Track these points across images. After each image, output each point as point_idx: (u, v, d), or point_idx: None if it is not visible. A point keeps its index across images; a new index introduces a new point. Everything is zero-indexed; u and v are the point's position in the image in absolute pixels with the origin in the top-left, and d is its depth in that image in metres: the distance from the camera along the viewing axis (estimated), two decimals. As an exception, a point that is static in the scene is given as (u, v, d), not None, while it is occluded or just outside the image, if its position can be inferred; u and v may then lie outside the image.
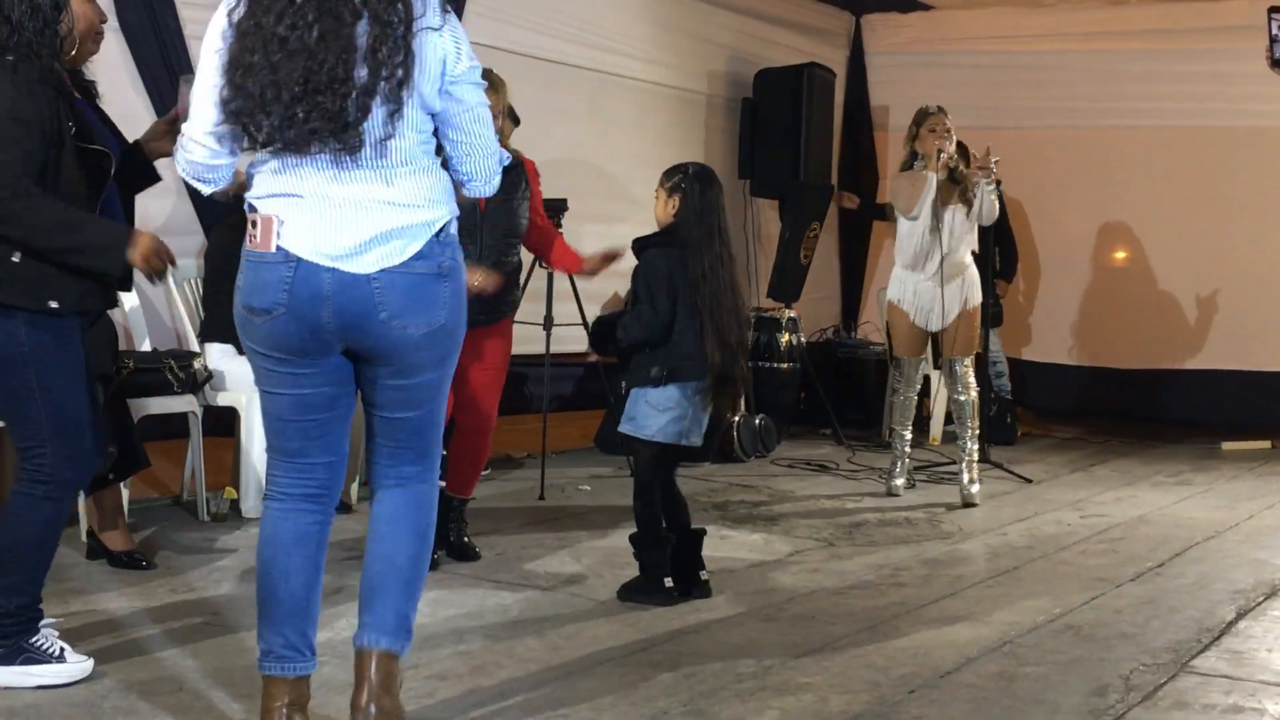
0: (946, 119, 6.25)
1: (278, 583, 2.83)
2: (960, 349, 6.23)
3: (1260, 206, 8.63)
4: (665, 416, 4.23)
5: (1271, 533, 5.57)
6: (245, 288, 2.76)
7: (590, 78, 7.75)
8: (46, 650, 3.26)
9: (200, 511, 5.32)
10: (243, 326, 2.80)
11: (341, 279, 2.71)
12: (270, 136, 2.66)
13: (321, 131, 2.64)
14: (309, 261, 2.70)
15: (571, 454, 7.42)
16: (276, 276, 2.71)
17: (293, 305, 2.71)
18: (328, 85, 2.62)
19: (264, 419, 2.90)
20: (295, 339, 2.75)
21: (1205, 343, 8.90)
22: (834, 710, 3.20)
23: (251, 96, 2.63)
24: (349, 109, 2.64)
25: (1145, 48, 8.88)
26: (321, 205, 2.71)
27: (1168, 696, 3.34)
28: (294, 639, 2.83)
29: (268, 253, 2.71)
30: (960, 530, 5.58)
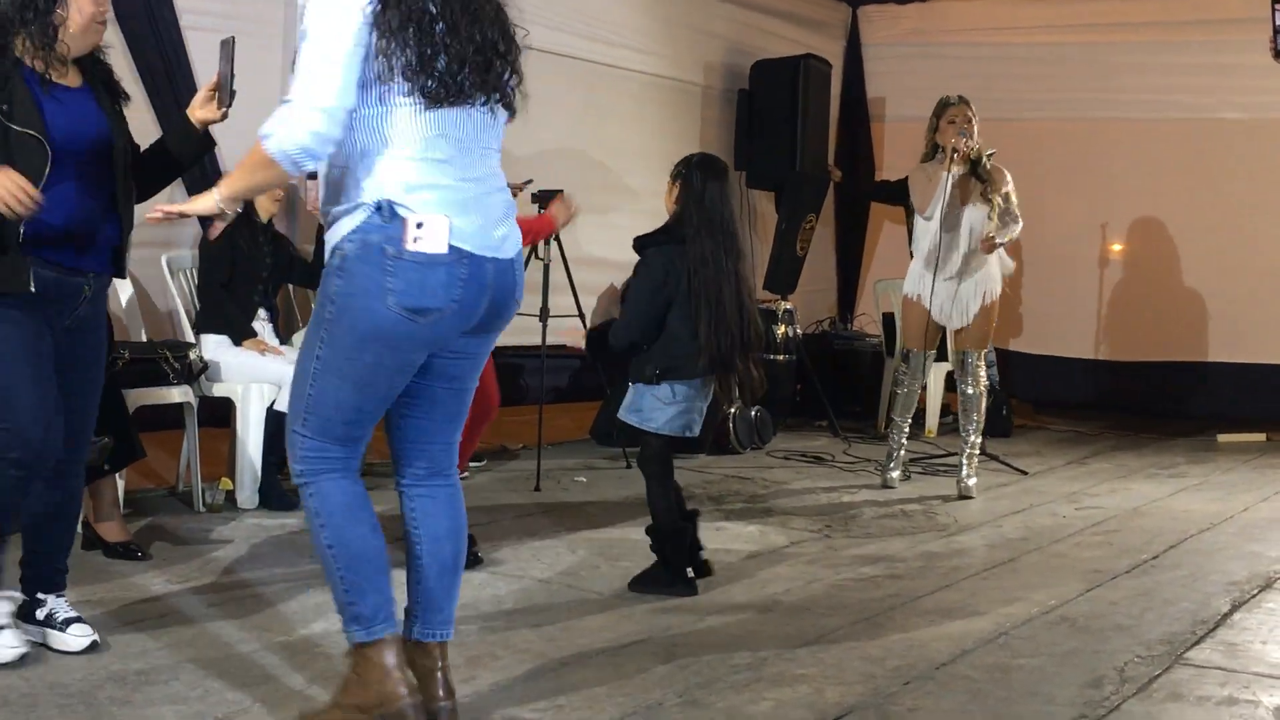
0: (969, 109, 6.16)
1: (372, 540, 2.83)
2: (974, 343, 6.23)
3: (1256, 199, 8.64)
4: (672, 410, 4.25)
5: (1266, 525, 5.58)
6: (410, 290, 2.68)
7: (586, 69, 7.73)
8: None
9: (196, 502, 5.32)
10: (394, 328, 2.71)
11: (499, 266, 2.81)
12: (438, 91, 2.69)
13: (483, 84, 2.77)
14: (477, 255, 2.75)
15: (567, 445, 7.42)
16: (451, 275, 2.72)
17: (465, 300, 2.75)
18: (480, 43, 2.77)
19: (334, 411, 2.79)
20: (452, 332, 2.80)
21: (1200, 335, 8.92)
22: (829, 701, 3.21)
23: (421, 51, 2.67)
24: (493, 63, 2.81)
25: (1143, 40, 8.88)
26: (471, 202, 2.76)
27: (1162, 688, 3.35)
28: (389, 592, 2.85)
29: (439, 253, 2.69)
30: (956, 522, 5.59)
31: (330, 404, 2.80)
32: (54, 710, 3.02)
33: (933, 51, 9.55)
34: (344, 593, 2.81)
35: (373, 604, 2.80)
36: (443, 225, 2.69)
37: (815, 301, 9.73)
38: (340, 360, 2.76)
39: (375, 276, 2.69)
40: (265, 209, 5.57)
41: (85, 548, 4.52)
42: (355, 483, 2.86)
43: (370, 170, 2.71)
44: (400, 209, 2.68)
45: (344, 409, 2.80)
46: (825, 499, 6.11)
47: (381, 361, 2.76)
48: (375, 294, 2.69)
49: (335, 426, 2.81)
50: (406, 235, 2.67)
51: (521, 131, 5.13)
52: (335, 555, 2.81)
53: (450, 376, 2.93)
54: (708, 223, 4.21)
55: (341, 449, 2.83)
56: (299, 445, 2.83)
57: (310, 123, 2.63)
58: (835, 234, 10.08)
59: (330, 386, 2.79)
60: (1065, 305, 9.21)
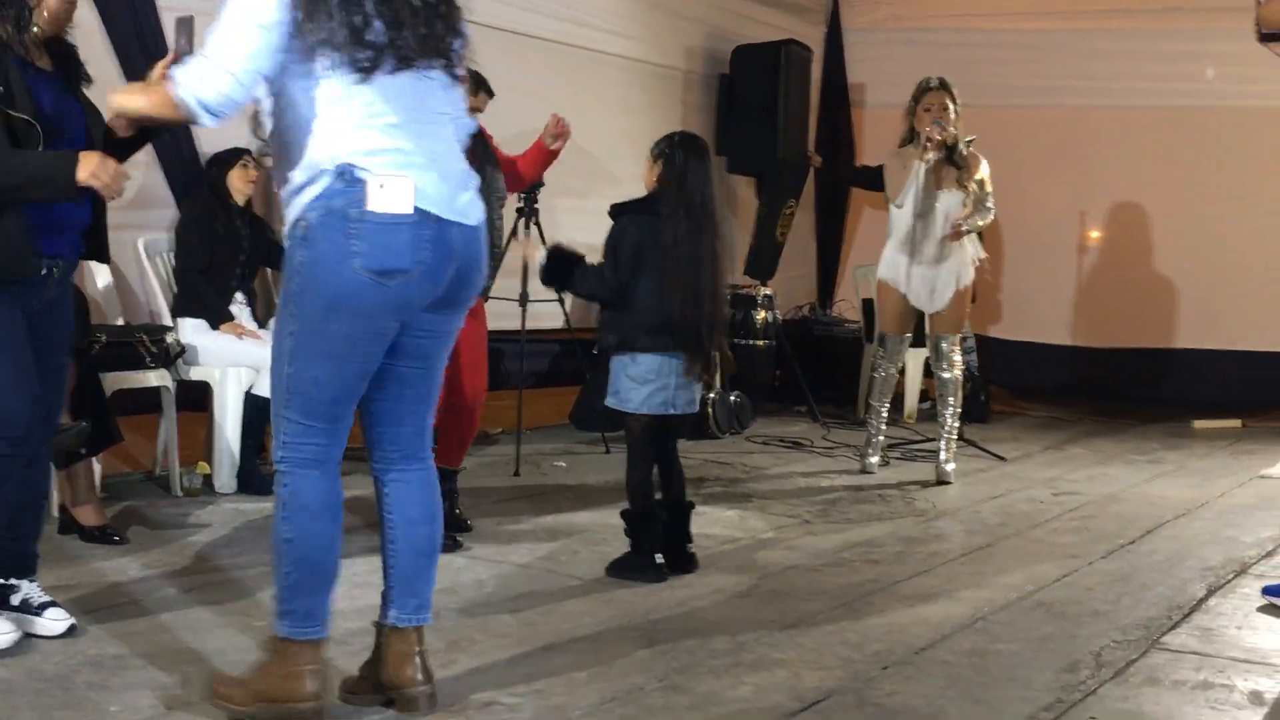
0: (946, 96, 6.14)
1: (324, 552, 2.83)
2: (948, 327, 6.25)
3: (1234, 187, 8.67)
4: (647, 389, 4.24)
5: (1242, 511, 5.62)
6: (375, 251, 2.67)
7: (566, 53, 7.71)
8: None
9: (173, 486, 5.30)
10: (359, 292, 2.69)
11: (464, 232, 2.81)
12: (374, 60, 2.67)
13: (428, 44, 2.74)
14: (444, 218, 2.75)
15: (547, 430, 7.41)
16: (417, 236, 2.71)
17: (431, 264, 2.74)
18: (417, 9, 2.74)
19: (317, 389, 2.77)
20: (419, 297, 2.78)
21: (1178, 322, 8.96)
22: (808, 686, 3.22)
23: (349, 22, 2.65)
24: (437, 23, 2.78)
25: (1124, 26, 8.90)
26: (431, 166, 2.75)
27: (1138, 673, 3.37)
28: (329, 602, 2.86)
29: (404, 213, 2.68)
30: (934, 507, 5.61)
31: (309, 380, 2.78)
32: (30, 695, 3.00)
33: (913, 37, 9.55)
34: (285, 588, 2.82)
35: (308, 607, 2.82)
36: (406, 185, 2.69)
37: (795, 287, 9.73)
38: (313, 334, 2.75)
39: (339, 241, 2.68)
40: (240, 192, 5.52)
41: (62, 532, 4.50)
42: (332, 483, 2.84)
43: (325, 139, 2.70)
44: (361, 171, 2.67)
45: (323, 385, 2.78)
46: (804, 484, 6.12)
47: (354, 331, 2.74)
48: (340, 258, 2.68)
49: (317, 405, 2.79)
50: (369, 196, 2.67)
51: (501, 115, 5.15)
52: (288, 551, 2.81)
53: (417, 355, 2.91)
54: (686, 203, 4.20)
55: (325, 433, 2.81)
56: (283, 429, 2.82)
57: (219, 83, 2.65)
58: (815, 220, 10.09)
59: (307, 363, 2.77)
60: (1044, 291, 9.24)
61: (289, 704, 2.80)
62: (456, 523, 4.75)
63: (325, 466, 2.83)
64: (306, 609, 2.81)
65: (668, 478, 4.40)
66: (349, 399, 2.84)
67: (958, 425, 6.36)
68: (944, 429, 6.27)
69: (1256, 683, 3.30)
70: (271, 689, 2.81)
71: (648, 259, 4.20)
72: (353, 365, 2.79)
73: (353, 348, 2.76)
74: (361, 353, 2.78)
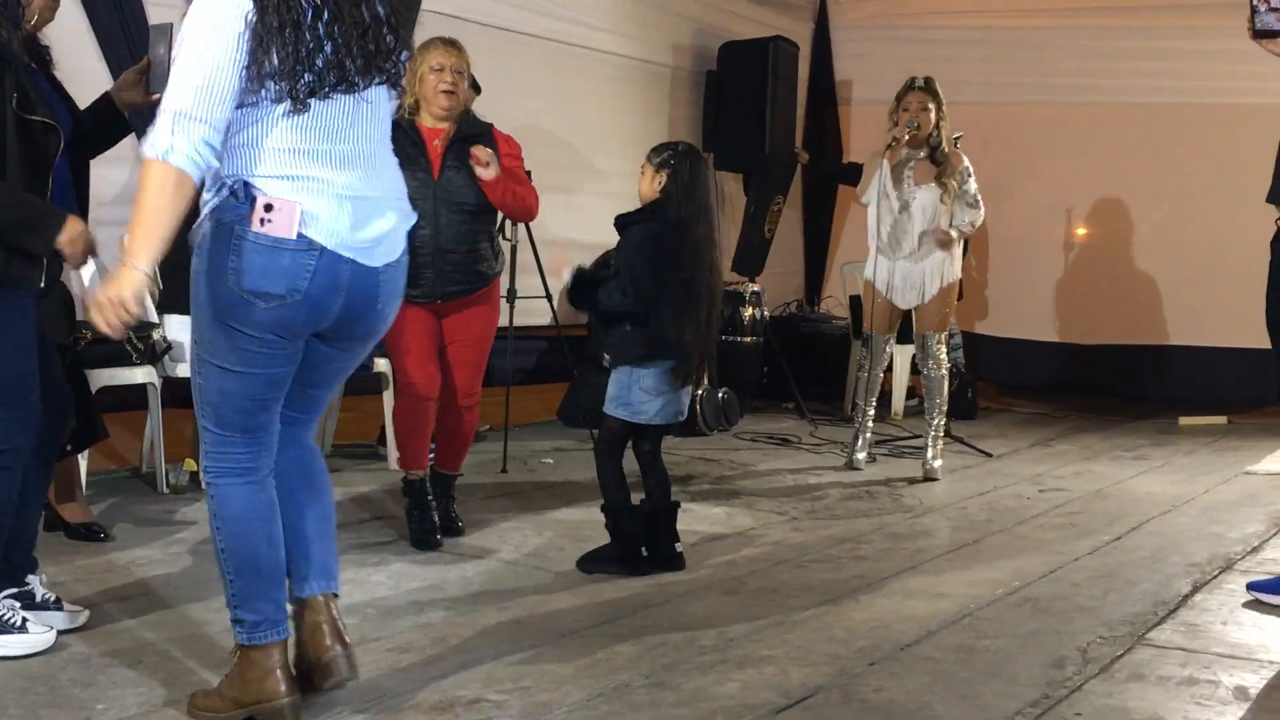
0: (926, 96, 6.14)
1: (264, 552, 2.83)
2: (933, 324, 6.25)
3: (1219, 184, 8.68)
4: (662, 399, 4.27)
5: (1227, 507, 5.63)
6: (251, 271, 2.65)
7: (553, 49, 7.70)
8: (8, 621, 3.27)
9: (159, 483, 5.29)
10: (234, 309, 2.68)
11: (357, 270, 2.75)
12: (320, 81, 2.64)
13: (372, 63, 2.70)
14: (332, 251, 2.70)
15: (534, 427, 7.41)
16: (297, 264, 2.67)
17: (311, 293, 2.70)
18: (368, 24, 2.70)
19: (223, 399, 2.78)
20: (299, 324, 2.74)
21: (1163, 319, 8.98)
22: (795, 682, 3.22)
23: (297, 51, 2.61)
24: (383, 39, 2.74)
25: (1110, 24, 8.91)
26: (334, 194, 2.70)
27: (1124, 669, 3.38)
28: (281, 601, 2.87)
29: (286, 238, 2.65)
30: (921, 504, 5.62)
31: (214, 390, 2.80)
32: (16, 694, 3.00)
33: (901, 34, 9.56)
34: (231, 596, 2.86)
35: (259, 612, 2.83)
36: (292, 209, 2.65)
37: (782, 284, 9.74)
38: (209, 345, 2.76)
39: (222, 255, 2.67)
40: None
41: (47, 529, 4.47)
42: (259, 490, 2.85)
43: (237, 155, 2.68)
44: (255, 190, 2.66)
45: (229, 395, 2.78)
46: (791, 481, 6.13)
47: (243, 344, 2.72)
48: (220, 272, 2.68)
49: (228, 415, 2.79)
50: (254, 216, 2.65)
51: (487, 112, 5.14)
52: (226, 560, 2.84)
53: (307, 382, 2.91)
54: (695, 212, 4.22)
55: (244, 444, 2.81)
56: (204, 440, 2.85)
57: (200, 132, 2.57)
58: (803, 216, 10.10)
59: (210, 374, 2.79)
60: (1030, 288, 9.26)
61: (264, 704, 2.83)
62: (450, 525, 4.75)
63: (251, 475, 2.84)
64: (257, 615, 2.83)
65: (649, 481, 4.40)
66: (260, 409, 2.82)
67: (944, 423, 6.37)
68: (930, 427, 6.28)
69: (1242, 678, 3.31)
70: (246, 694, 2.84)
71: (661, 268, 4.20)
72: (253, 376, 2.77)
73: (246, 360, 2.74)
74: (259, 364, 2.76)
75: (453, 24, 6.01)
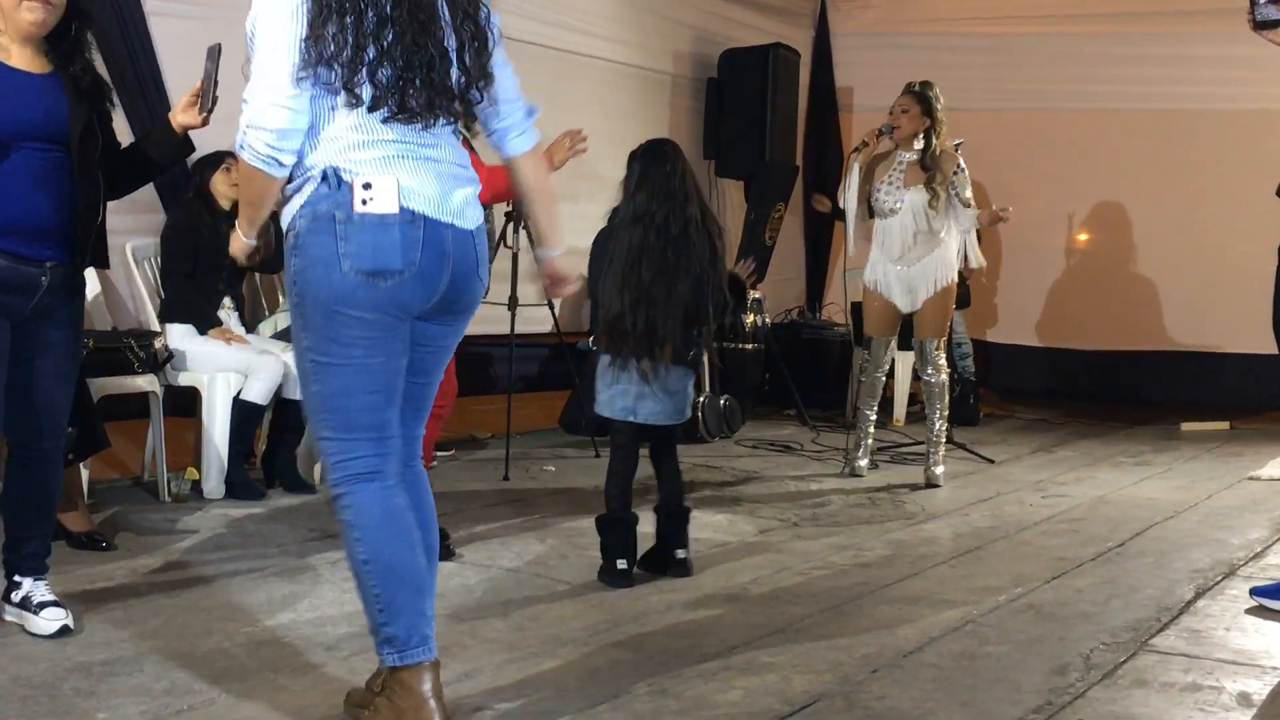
0: (912, 99, 6.16)
1: (410, 558, 2.72)
2: (931, 330, 6.22)
3: (1219, 189, 8.70)
4: (609, 392, 4.28)
5: (1230, 513, 5.63)
6: (364, 251, 2.63)
7: (554, 56, 7.71)
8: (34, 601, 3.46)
9: (161, 492, 5.28)
10: (352, 294, 2.64)
11: (458, 235, 2.75)
12: (380, 99, 2.64)
13: (436, 102, 2.70)
14: (434, 219, 2.70)
15: (536, 434, 7.41)
16: (407, 236, 2.66)
17: (424, 264, 2.69)
18: (434, 57, 2.69)
19: (345, 398, 2.70)
20: (416, 299, 2.72)
21: (1165, 324, 8.99)
22: (797, 690, 3.22)
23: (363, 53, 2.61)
24: (452, 81, 2.74)
25: (1109, 31, 8.94)
26: (423, 164, 2.72)
27: (1127, 675, 3.37)
28: (430, 615, 2.75)
29: (390, 213, 2.64)
30: (923, 511, 5.61)
31: (338, 392, 2.71)
32: (17, 703, 2.99)
33: (901, 41, 9.57)
34: (378, 612, 2.71)
35: (407, 626, 2.69)
36: (391, 184, 2.65)
37: (784, 290, 9.74)
38: (326, 344, 2.70)
39: (329, 244, 2.65)
40: (224, 195, 5.49)
41: (49, 538, 4.48)
42: (394, 493, 2.75)
43: (315, 145, 2.68)
44: (345, 174, 2.65)
45: (353, 394, 2.71)
46: (793, 488, 6.12)
47: (362, 333, 2.68)
48: (331, 262, 2.64)
49: (353, 416, 2.72)
50: (355, 198, 2.64)
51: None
52: (369, 572, 2.71)
53: (415, 370, 2.86)
54: (637, 213, 4.22)
55: (370, 446, 2.74)
56: (327, 452, 2.75)
57: (272, 119, 2.60)
58: (804, 223, 10.10)
59: (328, 375, 2.71)
60: (1030, 294, 9.28)
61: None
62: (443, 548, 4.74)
63: (383, 478, 2.74)
64: (406, 630, 2.69)
65: (660, 484, 4.41)
66: (386, 403, 2.75)
67: (946, 429, 6.36)
68: (932, 433, 6.27)
69: (1245, 684, 3.30)
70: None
71: (612, 268, 4.24)
72: (375, 367, 2.72)
73: (369, 349, 2.70)
74: (380, 352, 2.71)
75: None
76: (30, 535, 3.59)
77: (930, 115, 6.13)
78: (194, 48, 5.54)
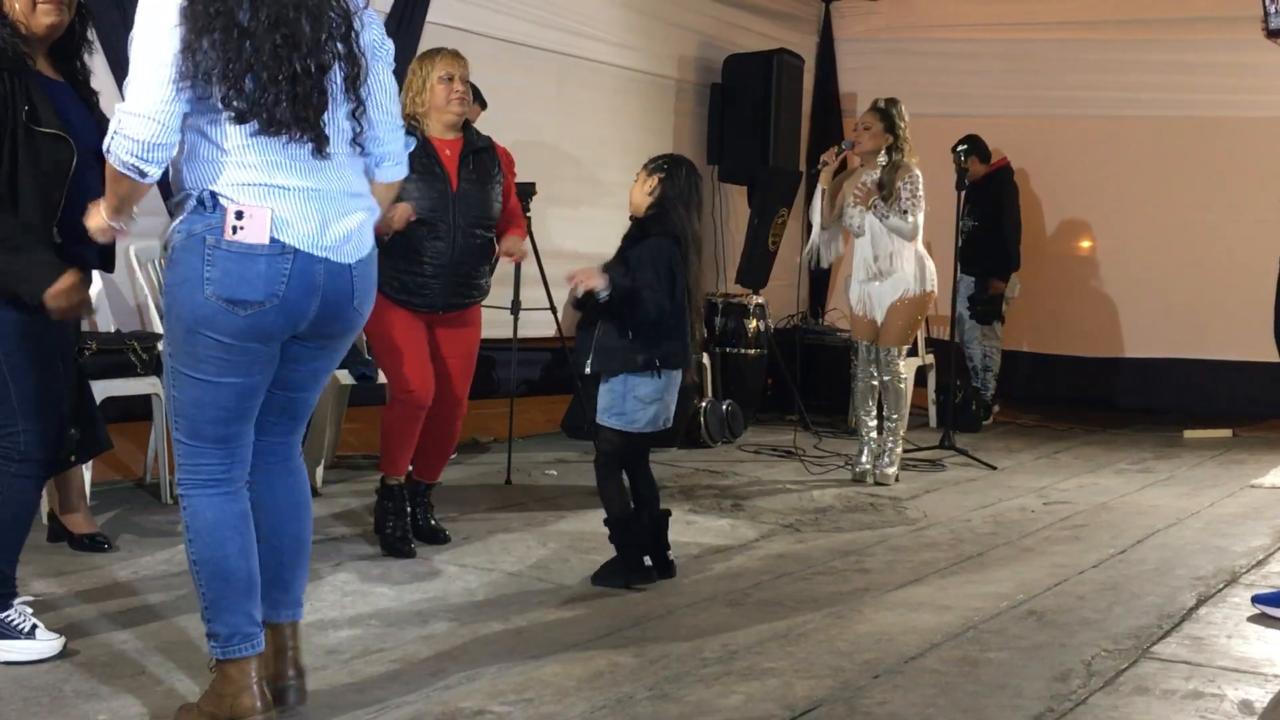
0: (872, 116, 6.31)
1: (237, 564, 2.82)
2: (890, 339, 6.37)
3: (1224, 197, 8.70)
4: (654, 408, 4.30)
5: (1232, 520, 5.63)
6: (227, 279, 2.67)
7: (559, 61, 7.72)
8: (17, 627, 3.30)
9: (163, 494, 5.28)
10: (212, 318, 2.69)
11: (330, 269, 2.77)
12: (251, 109, 2.65)
13: (300, 119, 2.69)
14: (305, 252, 2.72)
15: (538, 438, 7.41)
16: (273, 269, 2.69)
17: (288, 296, 2.72)
18: (297, 73, 2.68)
19: (198, 410, 2.78)
20: (278, 329, 2.76)
21: (1168, 332, 8.98)
22: (798, 695, 3.21)
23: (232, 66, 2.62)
24: (314, 98, 2.72)
25: (1113, 37, 8.93)
26: (299, 196, 2.72)
27: (1129, 682, 3.37)
28: (255, 614, 2.85)
29: (259, 244, 2.67)
30: (925, 516, 5.61)
31: (187, 403, 2.80)
32: (18, 704, 3.00)
33: (905, 48, 9.58)
34: (205, 608, 2.84)
35: (231, 624, 2.81)
36: (264, 215, 2.67)
37: (786, 296, 9.74)
38: (184, 357, 2.76)
39: (196, 266, 2.68)
40: None
41: (51, 540, 4.49)
42: (231, 500, 2.84)
43: (197, 163, 2.71)
44: (222, 199, 2.68)
45: (202, 406, 2.78)
46: (795, 492, 6.12)
47: (218, 354, 2.73)
48: (196, 283, 2.69)
49: (202, 425, 2.80)
50: (226, 225, 2.66)
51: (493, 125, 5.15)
52: (199, 571, 2.83)
53: (286, 385, 2.92)
54: (689, 223, 4.30)
55: (217, 454, 2.81)
56: (177, 453, 2.85)
57: (138, 130, 2.63)
58: (806, 229, 10.08)
59: (183, 385, 2.79)
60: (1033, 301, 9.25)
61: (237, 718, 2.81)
62: (433, 534, 4.75)
63: (224, 486, 2.83)
64: (229, 628, 2.81)
65: (637, 489, 4.41)
66: (235, 419, 2.82)
67: (902, 431, 6.51)
68: (887, 438, 6.44)
69: (1247, 692, 3.30)
70: (220, 710, 2.83)
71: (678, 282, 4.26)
72: (226, 387, 2.77)
73: (222, 369, 2.75)
74: (235, 374, 2.76)
75: (458, 36, 6.03)
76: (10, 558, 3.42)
77: (893, 132, 6.20)
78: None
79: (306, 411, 3.05)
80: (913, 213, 6.16)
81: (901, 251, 6.24)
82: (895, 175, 6.19)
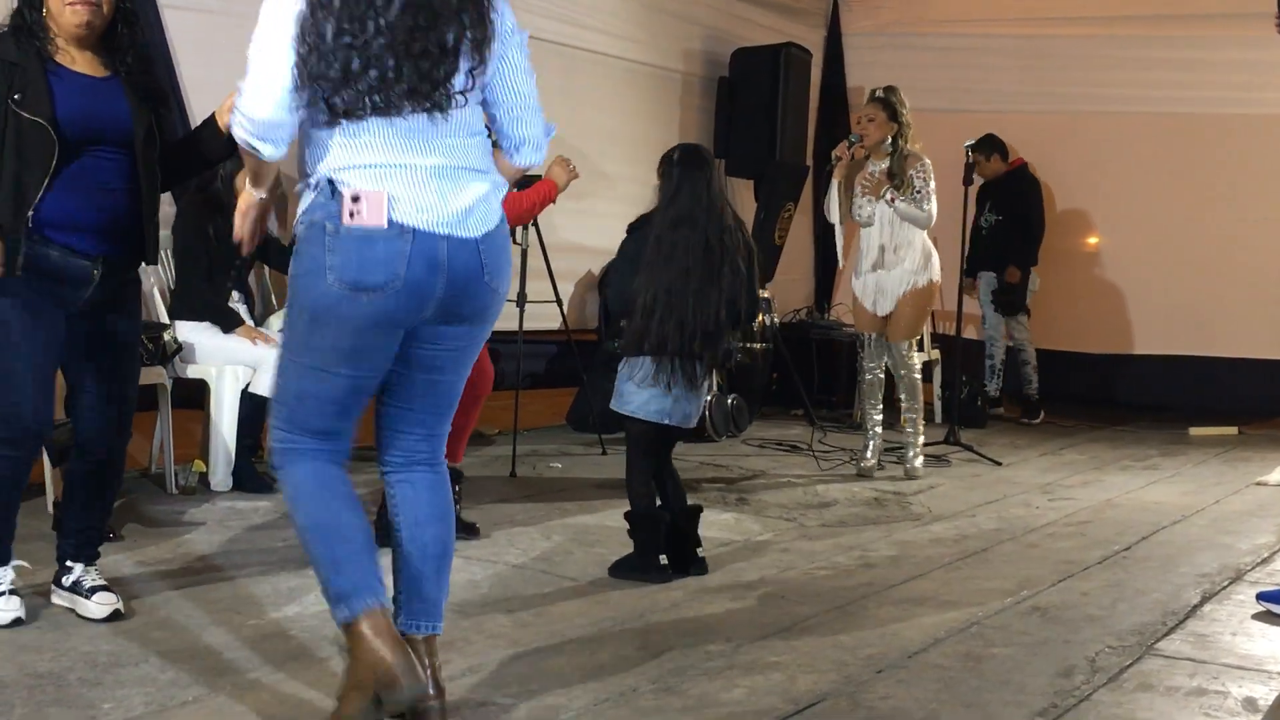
0: (875, 106, 6.31)
1: (348, 518, 2.77)
2: (899, 333, 6.37)
3: (1231, 194, 8.69)
4: (645, 394, 4.27)
5: (1237, 518, 5.62)
6: (347, 265, 2.64)
7: (565, 54, 7.71)
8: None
9: (168, 484, 5.29)
10: (335, 306, 2.65)
11: (453, 245, 2.72)
12: (353, 104, 2.64)
13: (417, 92, 2.67)
14: (425, 231, 2.68)
15: (543, 431, 7.42)
16: (392, 250, 2.65)
17: (410, 277, 2.68)
18: (422, 48, 2.66)
19: (300, 402, 2.75)
20: (402, 312, 2.71)
21: (1174, 328, 8.96)
22: (802, 690, 3.21)
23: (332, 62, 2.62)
24: (439, 69, 2.69)
25: (1122, 33, 8.91)
26: (418, 174, 2.70)
27: (1133, 679, 3.37)
28: (374, 569, 2.76)
29: (378, 227, 2.64)
30: (929, 512, 5.61)
31: (293, 393, 2.77)
32: (24, 691, 3.00)
33: (913, 42, 9.57)
34: (323, 570, 2.75)
35: (351, 578, 2.72)
36: (379, 198, 2.65)
37: (792, 290, 9.74)
38: (299, 346, 2.74)
39: (318, 255, 2.67)
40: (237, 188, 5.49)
41: (56, 529, 4.48)
42: (328, 465, 2.79)
43: (314, 151, 2.71)
44: (340, 185, 2.66)
45: (306, 399, 2.75)
46: (800, 487, 6.12)
47: (336, 345, 2.70)
48: (318, 272, 2.67)
49: (302, 418, 2.76)
50: (343, 210, 2.65)
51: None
52: (310, 534, 2.77)
53: (427, 367, 2.86)
54: (676, 217, 4.26)
55: (313, 441, 2.78)
56: (274, 438, 2.82)
57: (253, 109, 2.65)
58: (813, 223, 10.09)
59: (292, 375, 2.76)
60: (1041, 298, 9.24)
61: (378, 677, 2.69)
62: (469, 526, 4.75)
63: (318, 455, 2.79)
64: (351, 582, 2.71)
65: (663, 486, 4.41)
66: (340, 415, 2.78)
67: (921, 422, 6.52)
68: (908, 428, 6.45)
69: (1251, 689, 3.30)
70: (362, 676, 2.70)
71: (647, 273, 4.25)
72: (338, 380, 2.74)
73: (337, 362, 2.72)
74: (349, 367, 2.73)
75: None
76: (86, 525, 3.68)
77: (896, 120, 6.21)
78: (208, 42, 5.60)
79: (450, 402, 2.95)
80: (928, 201, 6.17)
81: (912, 241, 6.25)
82: (905, 163, 6.19)
